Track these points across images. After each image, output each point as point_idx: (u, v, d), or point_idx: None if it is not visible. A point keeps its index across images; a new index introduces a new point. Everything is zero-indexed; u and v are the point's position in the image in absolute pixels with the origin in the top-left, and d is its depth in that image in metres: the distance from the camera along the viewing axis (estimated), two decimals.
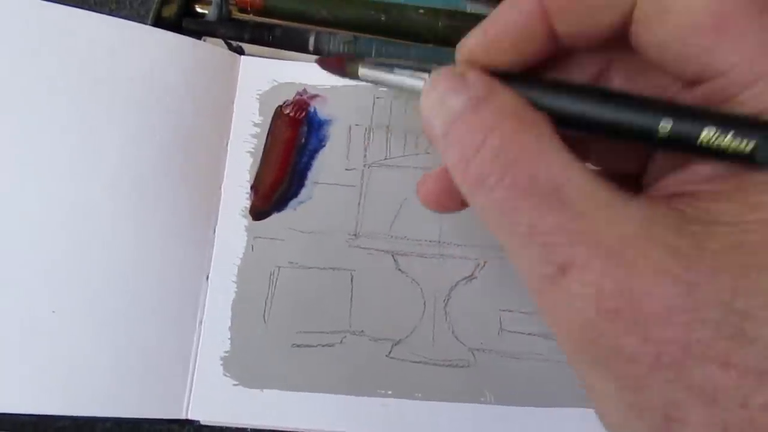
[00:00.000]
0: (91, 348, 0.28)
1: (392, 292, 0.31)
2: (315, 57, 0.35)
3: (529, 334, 0.31)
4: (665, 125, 0.15)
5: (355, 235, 0.32)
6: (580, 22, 0.16)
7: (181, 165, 0.31)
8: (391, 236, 0.32)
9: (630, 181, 0.18)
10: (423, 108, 0.18)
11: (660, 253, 0.14)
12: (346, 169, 0.33)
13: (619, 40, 0.16)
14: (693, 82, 0.16)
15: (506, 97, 0.16)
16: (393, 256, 0.32)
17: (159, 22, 0.33)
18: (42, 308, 0.28)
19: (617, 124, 0.16)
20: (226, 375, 0.30)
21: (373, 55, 0.37)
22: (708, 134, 0.14)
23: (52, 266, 0.28)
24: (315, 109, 0.33)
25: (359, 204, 0.32)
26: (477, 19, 0.36)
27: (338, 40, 0.37)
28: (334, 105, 0.33)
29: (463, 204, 0.20)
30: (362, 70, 0.23)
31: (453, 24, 0.35)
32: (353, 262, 0.31)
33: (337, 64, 0.27)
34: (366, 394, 0.30)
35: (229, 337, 0.30)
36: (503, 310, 0.31)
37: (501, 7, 0.17)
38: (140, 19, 0.33)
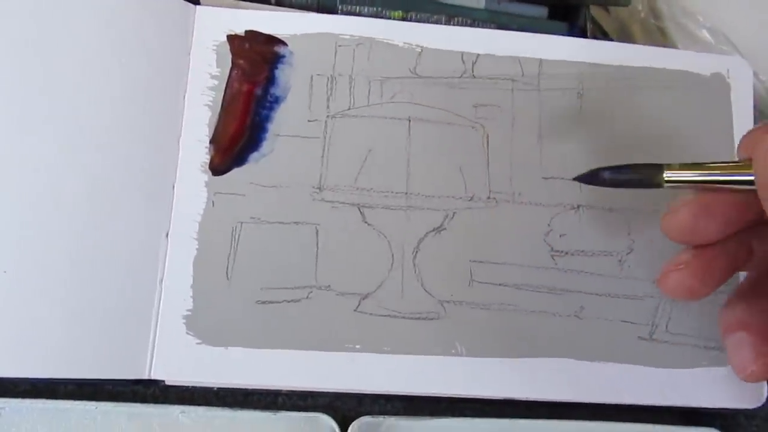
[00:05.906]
0: (46, 309, 0.27)
1: (359, 246, 0.30)
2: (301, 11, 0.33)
3: (500, 284, 0.30)
4: None
5: (319, 188, 0.31)
6: None
7: (136, 119, 0.30)
8: (357, 188, 0.31)
9: None
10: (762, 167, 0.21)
11: None
12: (309, 121, 0.31)
13: None
14: None
15: None
16: (359, 208, 0.31)
17: None
18: None
19: None
20: (189, 333, 0.29)
21: (337, 2, 0.35)
22: None
23: (0, 225, 0.27)
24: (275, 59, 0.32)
25: (323, 156, 0.31)
26: None
27: None
28: (294, 54, 0.32)
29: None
30: (668, 175, 0.22)
31: None
32: (318, 216, 0.30)
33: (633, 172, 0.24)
34: (333, 349, 0.29)
35: (191, 295, 0.29)
36: (473, 261, 0.31)
37: None
38: None
